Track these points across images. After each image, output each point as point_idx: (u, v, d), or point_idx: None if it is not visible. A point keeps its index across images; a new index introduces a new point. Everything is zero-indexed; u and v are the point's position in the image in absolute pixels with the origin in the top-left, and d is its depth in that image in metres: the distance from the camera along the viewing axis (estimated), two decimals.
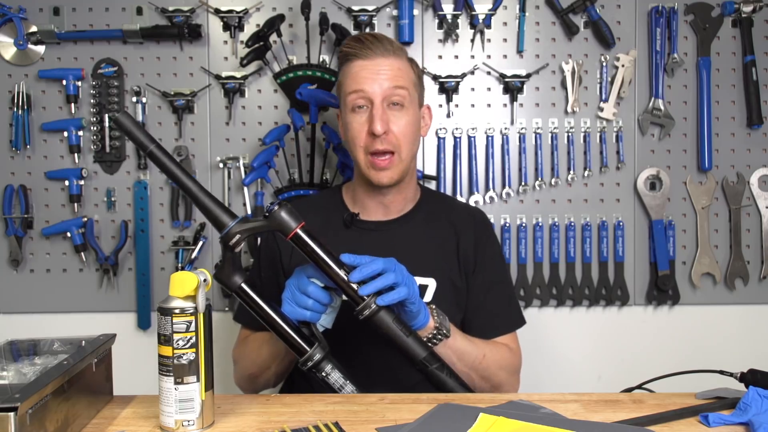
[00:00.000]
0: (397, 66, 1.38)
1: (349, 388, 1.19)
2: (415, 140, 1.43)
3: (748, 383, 1.11)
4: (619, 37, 1.89)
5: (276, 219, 1.13)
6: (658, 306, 1.94)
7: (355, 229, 1.46)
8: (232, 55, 1.87)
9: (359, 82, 1.37)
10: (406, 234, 1.46)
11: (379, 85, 1.36)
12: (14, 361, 0.99)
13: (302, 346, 1.16)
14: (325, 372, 1.17)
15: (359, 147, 1.39)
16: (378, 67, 1.37)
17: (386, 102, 1.37)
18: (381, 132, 1.34)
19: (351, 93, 1.38)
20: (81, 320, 1.90)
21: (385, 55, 1.37)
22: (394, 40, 1.44)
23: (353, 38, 1.43)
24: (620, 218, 1.91)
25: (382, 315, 1.17)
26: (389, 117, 1.37)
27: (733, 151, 1.92)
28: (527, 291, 1.89)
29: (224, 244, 1.12)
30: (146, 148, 1.11)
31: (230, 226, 1.11)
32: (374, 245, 1.41)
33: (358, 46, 1.38)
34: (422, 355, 1.18)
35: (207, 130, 1.89)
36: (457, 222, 1.49)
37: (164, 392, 0.96)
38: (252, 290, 1.15)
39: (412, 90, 1.40)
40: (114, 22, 1.86)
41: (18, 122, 1.86)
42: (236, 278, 1.14)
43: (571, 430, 0.94)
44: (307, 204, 1.58)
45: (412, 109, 1.41)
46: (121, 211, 1.89)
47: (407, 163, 1.41)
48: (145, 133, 1.12)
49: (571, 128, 1.90)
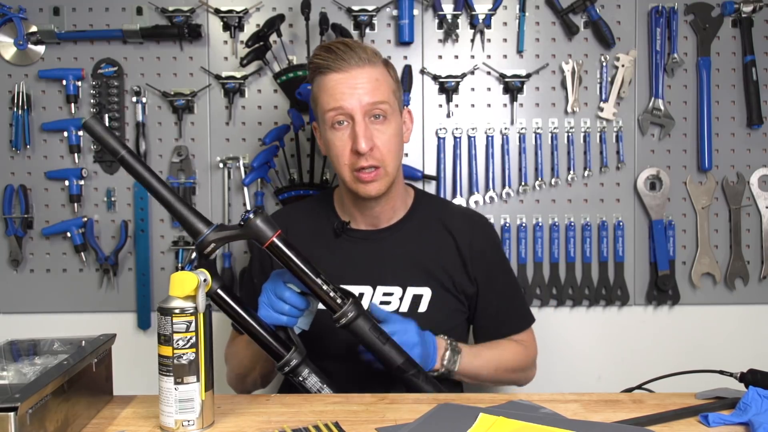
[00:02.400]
0: (375, 76, 1.31)
1: (326, 392, 1.19)
2: (400, 150, 1.38)
3: (748, 383, 1.11)
4: (619, 37, 1.89)
5: (252, 228, 1.11)
6: (658, 306, 1.94)
7: (346, 238, 1.43)
8: (232, 55, 1.87)
9: (337, 98, 1.30)
10: (397, 243, 1.43)
11: (358, 99, 1.29)
12: (14, 361, 0.99)
13: (279, 351, 1.17)
14: (302, 376, 1.18)
15: (344, 165, 1.33)
16: (355, 80, 1.29)
17: (367, 116, 1.31)
18: (366, 149, 1.29)
19: (329, 110, 1.31)
20: (81, 320, 1.90)
21: (361, 65, 1.30)
22: (366, 45, 1.36)
23: (324, 48, 1.33)
24: (620, 218, 1.91)
25: (359, 323, 1.17)
26: (372, 132, 1.31)
27: (733, 151, 1.92)
28: (527, 291, 1.89)
29: (199, 252, 1.10)
30: (117, 153, 1.08)
31: (205, 234, 1.10)
32: (365, 255, 1.40)
33: (331, 58, 1.30)
34: (399, 362, 1.19)
35: (207, 130, 1.89)
36: (453, 227, 1.46)
37: (164, 392, 0.96)
38: (228, 295, 1.14)
39: (392, 100, 1.34)
40: (114, 22, 1.86)
41: (18, 122, 1.86)
42: (212, 284, 1.12)
43: (571, 430, 0.94)
44: (299, 210, 1.56)
45: (395, 119, 1.35)
46: (121, 211, 1.89)
47: (394, 174, 1.37)
48: (116, 139, 1.09)
49: (571, 128, 1.90)
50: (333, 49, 1.31)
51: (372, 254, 1.40)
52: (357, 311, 1.16)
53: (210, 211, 1.89)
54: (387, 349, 1.18)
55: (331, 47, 1.32)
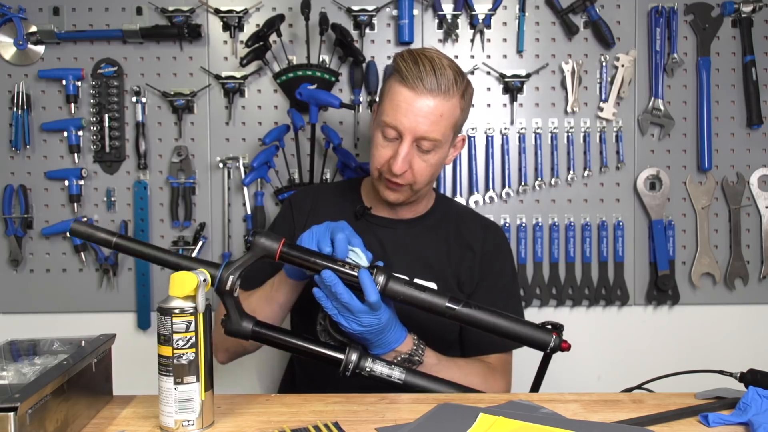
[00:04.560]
0: (440, 111, 1.28)
1: (396, 372, 1.17)
2: (435, 174, 1.38)
3: (748, 383, 1.11)
4: (618, 37, 1.89)
5: (259, 246, 1.14)
6: (657, 306, 1.94)
7: (365, 222, 1.46)
8: (231, 55, 1.87)
9: (397, 115, 1.29)
10: (413, 236, 1.45)
11: (414, 126, 1.28)
12: (14, 361, 0.99)
13: (336, 356, 1.16)
14: (369, 368, 1.16)
15: (376, 168, 1.35)
16: (419, 107, 1.27)
17: (416, 142, 1.30)
18: (400, 172, 1.31)
19: (386, 120, 1.30)
20: (81, 320, 1.90)
21: (434, 93, 1.27)
22: (450, 71, 1.29)
23: (411, 57, 1.30)
24: (620, 218, 1.91)
25: (392, 285, 1.16)
26: (413, 157, 1.31)
27: (732, 151, 1.92)
28: (527, 291, 1.89)
29: (221, 292, 1.11)
30: (110, 242, 1.16)
31: (219, 274, 1.11)
32: (382, 240, 1.42)
33: (413, 72, 1.27)
34: (445, 301, 1.17)
35: (207, 130, 1.89)
36: (467, 233, 1.47)
37: (164, 392, 0.96)
38: (265, 329, 1.16)
39: (448, 134, 1.33)
40: (114, 22, 1.86)
41: (18, 122, 1.86)
42: (246, 324, 1.15)
43: (571, 430, 0.94)
44: (328, 188, 1.61)
45: (442, 150, 1.34)
46: (121, 211, 1.89)
47: (420, 193, 1.40)
48: (103, 230, 1.16)
49: (570, 128, 1.90)
50: (419, 64, 1.28)
51: (387, 241, 1.43)
52: (385, 275, 1.16)
53: (210, 210, 1.89)
54: (428, 296, 1.18)
55: (418, 60, 1.29)
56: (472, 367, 1.37)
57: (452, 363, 1.32)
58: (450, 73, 1.29)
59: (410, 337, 1.25)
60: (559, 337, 1.19)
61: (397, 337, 1.22)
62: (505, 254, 1.50)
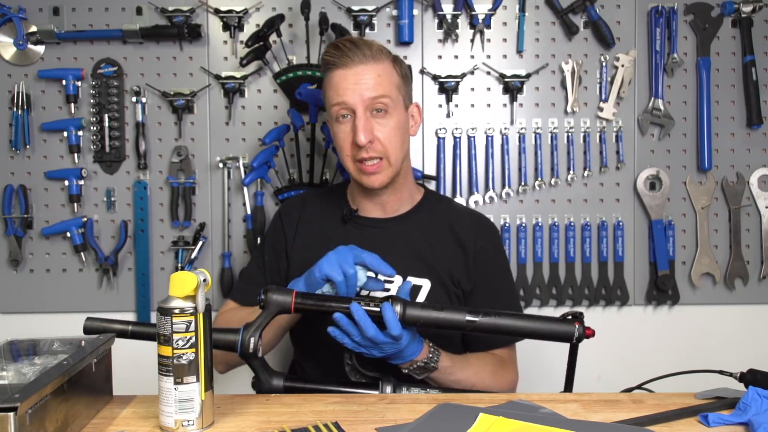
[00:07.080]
0: (377, 72, 1.36)
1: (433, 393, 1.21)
2: (404, 142, 1.42)
3: (748, 383, 1.11)
4: (618, 37, 1.89)
5: (272, 303, 1.15)
6: (657, 306, 1.94)
7: (353, 225, 1.47)
8: (231, 55, 1.87)
9: (340, 93, 1.36)
10: (402, 233, 1.46)
11: (359, 95, 1.34)
12: (14, 361, 0.99)
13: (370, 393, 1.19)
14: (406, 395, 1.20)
15: (347, 156, 1.40)
16: (358, 76, 1.35)
17: (369, 110, 1.36)
18: (365, 142, 1.35)
19: (334, 105, 1.37)
20: (81, 320, 1.88)
21: (364, 61, 1.35)
22: (374, 42, 1.40)
23: (332, 46, 1.40)
24: (620, 218, 1.91)
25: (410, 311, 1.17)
26: (373, 125, 1.36)
27: (732, 151, 1.92)
28: (527, 291, 1.89)
29: (246, 357, 1.13)
30: (126, 332, 1.17)
31: (240, 339, 1.13)
32: (371, 241, 1.42)
33: (337, 54, 1.36)
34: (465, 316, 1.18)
35: (207, 130, 1.89)
36: (458, 227, 1.48)
37: (164, 392, 0.96)
38: (295, 381, 1.19)
39: (395, 94, 1.39)
40: (114, 22, 1.86)
41: (18, 122, 1.86)
42: (276, 381, 1.17)
43: (570, 430, 0.94)
44: (315, 195, 1.62)
45: (397, 112, 1.39)
46: (120, 211, 1.89)
47: (397, 166, 1.41)
48: (117, 322, 1.18)
49: (570, 128, 1.90)
50: (340, 47, 1.37)
51: (376, 241, 1.42)
52: (402, 304, 1.17)
53: (210, 210, 1.89)
54: (446, 314, 1.18)
55: (338, 45, 1.38)
56: (484, 362, 1.40)
57: (465, 362, 1.35)
58: (374, 44, 1.39)
59: (426, 345, 1.26)
60: (582, 325, 1.19)
61: (414, 350, 1.23)
62: (499, 249, 1.53)
